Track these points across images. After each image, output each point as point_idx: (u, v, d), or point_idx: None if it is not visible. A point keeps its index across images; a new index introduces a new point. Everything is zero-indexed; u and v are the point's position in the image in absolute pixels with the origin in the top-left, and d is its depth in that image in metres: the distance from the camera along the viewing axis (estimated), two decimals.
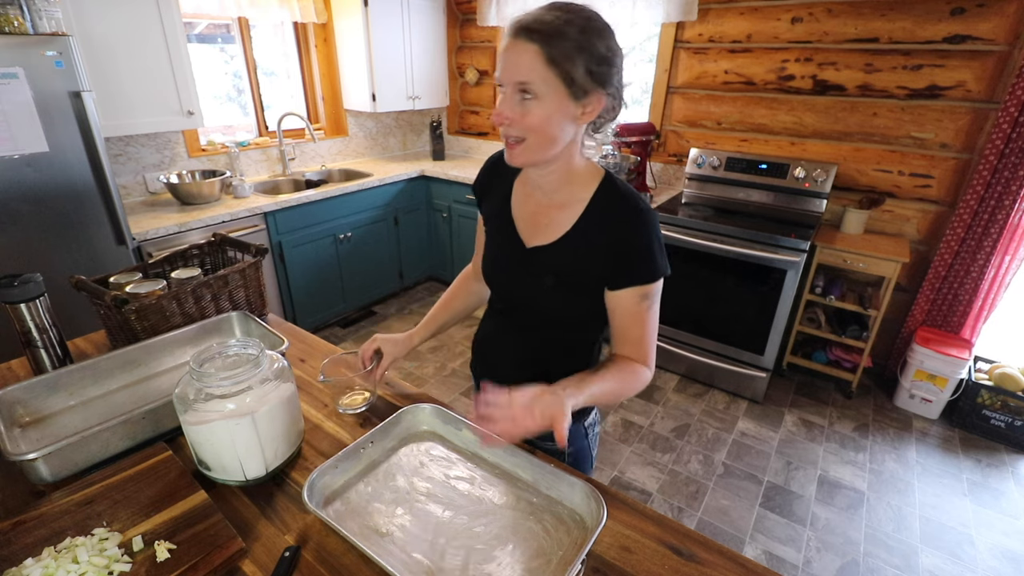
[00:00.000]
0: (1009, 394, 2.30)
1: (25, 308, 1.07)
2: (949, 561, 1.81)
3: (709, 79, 2.85)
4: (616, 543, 0.79)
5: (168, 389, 1.08)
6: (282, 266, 2.79)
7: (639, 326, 0.89)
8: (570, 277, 0.90)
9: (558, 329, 0.97)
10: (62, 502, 0.79)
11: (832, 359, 2.71)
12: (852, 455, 2.29)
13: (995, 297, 2.40)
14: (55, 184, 1.89)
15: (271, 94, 3.31)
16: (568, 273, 0.90)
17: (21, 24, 1.77)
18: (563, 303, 0.94)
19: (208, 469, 0.87)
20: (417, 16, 3.37)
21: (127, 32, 2.19)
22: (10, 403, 0.97)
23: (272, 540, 0.78)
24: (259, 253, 1.40)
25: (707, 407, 2.60)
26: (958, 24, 2.20)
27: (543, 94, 0.76)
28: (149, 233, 2.22)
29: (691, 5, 2.70)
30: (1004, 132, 2.14)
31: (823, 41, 2.49)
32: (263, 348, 0.87)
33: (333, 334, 3.19)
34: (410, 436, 0.99)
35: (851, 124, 2.54)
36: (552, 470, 0.84)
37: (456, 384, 2.75)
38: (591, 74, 0.76)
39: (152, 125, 2.38)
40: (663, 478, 2.16)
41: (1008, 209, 2.22)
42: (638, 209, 0.86)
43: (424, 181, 3.49)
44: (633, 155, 2.83)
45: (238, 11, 2.80)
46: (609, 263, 0.86)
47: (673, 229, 2.55)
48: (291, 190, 3.14)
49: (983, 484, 2.15)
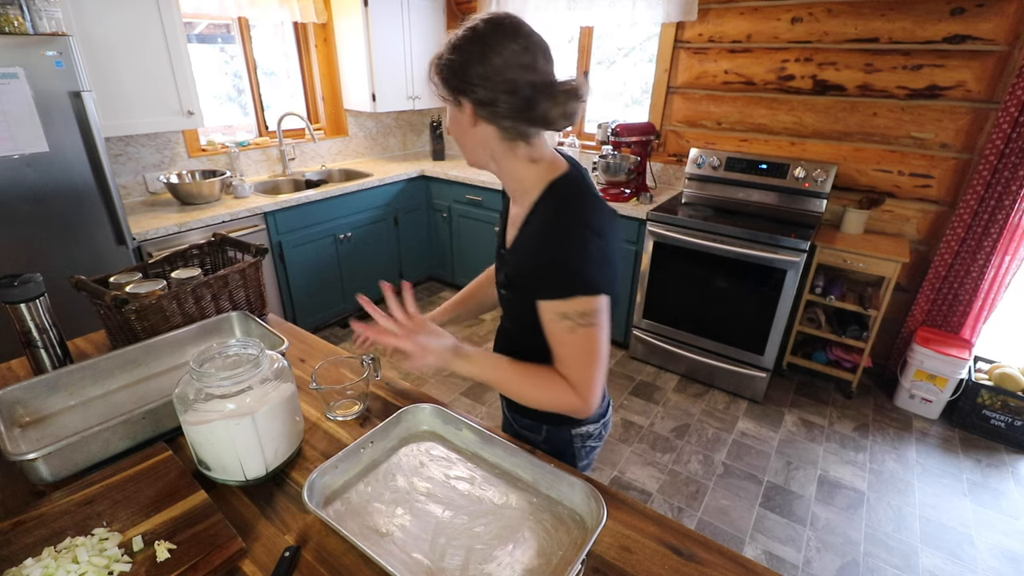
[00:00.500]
0: (1009, 394, 2.30)
1: (25, 308, 1.07)
2: (949, 561, 1.81)
3: (709, 79, 2.85)
4: (616, 543, 0.79)
5: (168, 389, 1.08)
6: (282, 266, 2.79)
7: (560, 346, 0.84)
8: (515, 281, 0.91)
9: (524, 334, 0.94)
10: (62, 502, 0.79)
11: (832, 359, 2.71)
12: (852, 455, 2.29)
13: (995, 297, 2.40)
14: (55, 184, 1.89)
15: (271, 94, 3.31)
16: (513, 277, 0.92)
17: (21, 24, 1.77)
18: (513, 307, 0.98)
19: (208, 469, 0.87)
20: (417, 16, 3.37)
21: (127, 32, 2.20)
22: (10, 403, 0.97)
23: (272, 540, 0.78)
24: (259, 253, 1.40)
25: (707, 407, 2.60)
26: (958, 24, 2.20)
27: (447, 107, 0.86)
28: (149, 233, 2.22)
29: (691, 5, 2.70)
30: (1004, 132, 2.14)
31: (823, 41, 2.49)
32: (263, 348, 0.87)
33: (333, 334, 3.19)
34: (410, 436, 0.99)
35: (851, 124, 2.54)
36: (552, 470, 0.84)
37: (456, 384, 2.75)
38: (446, 83, 0.82)
39: (152, 125, 2.38)
40: (663, 478, 2.16)
41: (1008, 209, 2.22)
42: (564, 221, 0.82)
43: (424, 181, 3.49)
44: (633, 155, 2.83)
45: (238, 11, 2.80)
46: (533, 273, 0.85)
47: (673, 229, 2.55)
48: (291, 190, 3.14)
49: (983, 484, 2.15)
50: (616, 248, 0.87)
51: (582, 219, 0.82)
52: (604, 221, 0.83)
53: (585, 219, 0.82)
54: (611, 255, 0.84)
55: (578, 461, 1.07)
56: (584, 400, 0.84)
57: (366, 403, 1.10)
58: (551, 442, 1.04)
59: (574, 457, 1.06)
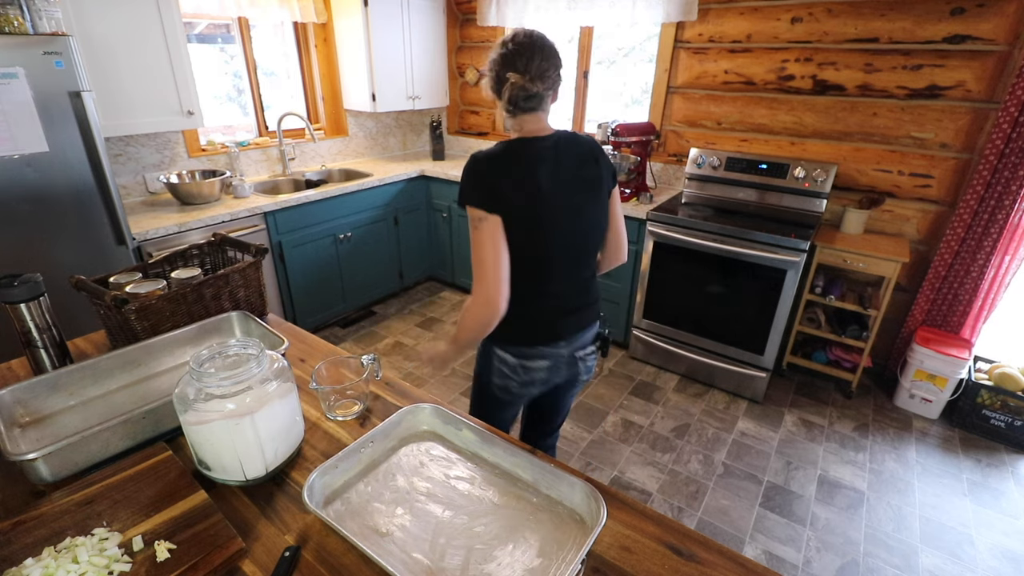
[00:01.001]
0: (1009, 394, 2.30)
1: (25, 308, 1.07)
2: (949, 561, 1.81)
3: (709, 79, 2.85)
4: (616, 543, 0.79)
5: (168, 389, 1.08)
6: (282, 266, 2.79)
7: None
8: None
9: None
10: (62, 502, 0.79)
11: (832, 359, 2.71)
12: (852, 455, 2.29)
13: (995, 297, 2.40)
14: (55, 184, 1.89)
15: (271, 94, 3.31)
16: None
17: (21, 24, 1.77)
18: None
19: (208, 469, 0.87)
20: (417, 16, 3.37)
21: (127, 32, 2.20)
22: (10, 403, 0.97)
23: (272, 540, 0.78)
24: (259, 253, 1.40)
25: (707, 407, 2.60)
26: (958, 24, 2.20)
27: None
28: (149, 233, 2.22)
29: (691, 5, 2.70)
30: (1004, 132, 2.14)
31: (823, 41, 2.49)
32: (263, 348, 0.87)
33: (333, 334, 3.19)
34: (410, 436, 0.99)
35: (851, 124, 2.54)
36: (552, 470, 0.85)
37: (456, 384, 2.75)
38: None
39: (152, 125, 2.38)
40: (663, 478, 2.16)
41: (1008, 209, 2.22)
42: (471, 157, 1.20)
43: (424, 181, 3.49)
44: (633, 155, 2.83)
45: (238, 11, 2.80)
46: None
47: (673, 229, 2.55)
48: (291, 190, 3.14)
49: (983, 484, 2.15)
50: (519, 183, 1.14)
51: (477, 155, 1.17)
52: (498, 161, 1.16)
53: (479, 156, 1.17)
54: (494, 183, 1.14)
55: (492, 376, 1.34)
56: (474, 294, 1.15)
57: (366, 403, 1.10)
58: (478, 358, 1.38)
59: (490, 371, 1.34)
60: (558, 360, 1.31)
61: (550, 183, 1.16)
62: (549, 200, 1.16)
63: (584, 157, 1.23)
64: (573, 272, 1.27)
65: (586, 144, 1.25)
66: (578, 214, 1.22)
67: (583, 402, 2.61)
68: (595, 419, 2.49)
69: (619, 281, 2.88)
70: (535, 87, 1.13)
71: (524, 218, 1.14)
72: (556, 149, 1.19)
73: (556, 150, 1.19)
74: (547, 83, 1.15)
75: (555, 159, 1.18)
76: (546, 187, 1.15)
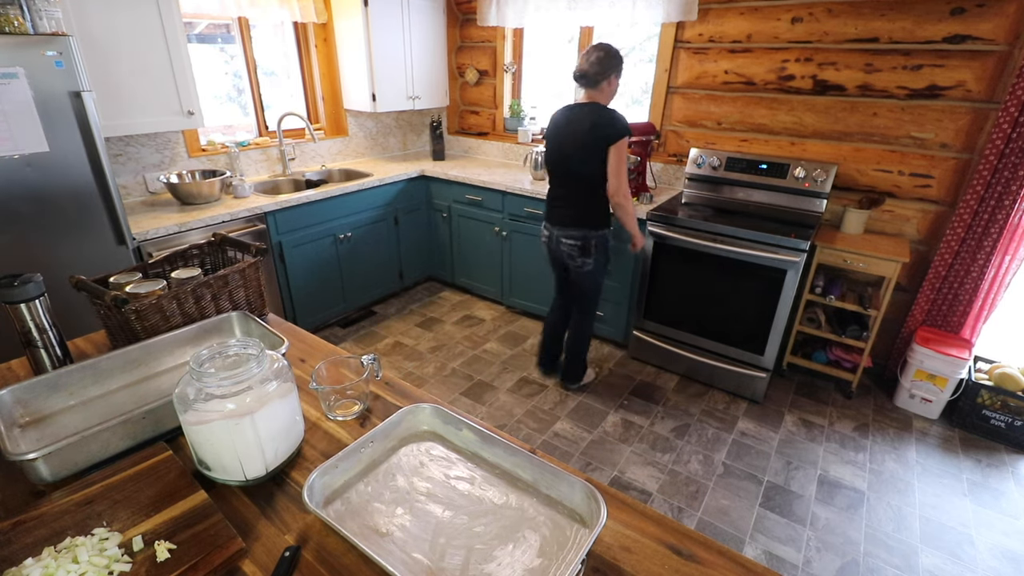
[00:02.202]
0: (1009, 394, 2.30)
1: (25, 308, 1.07)
2: (949, 561, 1.81)
3: (709, 79, 2.85)
4: (616, 543, 0.79)
5: (168, 389, 1.08)
6: (282, 266, 2.79)
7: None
8: None
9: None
10: (62, 502, 0.79)
11: (832, 359, 2.71)
12: (852, 455, 2.29)
13: (995, 297, 2.40)
14: (55, 184, 1.89)
15: (271, 94, 3.31)
16: None
17: (21, 24, 1.77)
18: None
19: (208, 469, 0.87)
20: (417, 16, 3.37)
21: (127, 32, 2.20)
22: (10, 403, 0.97)
23: (272, 540, 0.78)
24: (259, 253, 1.40)
25: (707, 407, 2.60)
26: (958, 24, 2.20)
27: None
28: (149, 233, 2.22)
29: (691, 5, 2.70)
30: (1004, 132, 2.14)
31: (823, 41, 2.49)
32: (263, 348, 0.87)
33: (333, 334, 3.19)
34: (410, 436, 0.99)
35: (851, 124, 2.54)
36: (552, 469, 0.84)
37: (456, 384, 2.75)
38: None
39: (152, 125, 2.38)
40: (663, 478, 2.16)
41: (1008, 209, 2.22)
42: None
43: (424, 181, 3.50)
44: (633, 155, 2.82)
45: (238, 11, 2.80)
46: None
47: (673, 229, 2.55)
48: (291, 190, 3.14)
49: (983, 484, 2.15)
50: (553, 129, 2.21)
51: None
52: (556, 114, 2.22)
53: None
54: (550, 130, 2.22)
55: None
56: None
57: (366, 403, 1.10)
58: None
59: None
60: (550, 236, 2.37)
61: (555, 129, 2.19)
62: (552, 137, 2.21)
63: (581, 120, 2.09)
64: (558, 185, 2.28)
65: (588, 115, 2.08)
66: (559, 150, 2.18)
67: (583, 402, 2.61)
68: (595, 419, 2.49)
69: (619, 281, 2.88)
70: (579, 70, 2.08)
71: (547, 147, 2.27)
72: (571, 111, 2.13)
73: (571, 112, 2.13)
74: (591, 71, 2.05)
75: (567, 116, 2.14)
76: (552, 130, 2.20)
